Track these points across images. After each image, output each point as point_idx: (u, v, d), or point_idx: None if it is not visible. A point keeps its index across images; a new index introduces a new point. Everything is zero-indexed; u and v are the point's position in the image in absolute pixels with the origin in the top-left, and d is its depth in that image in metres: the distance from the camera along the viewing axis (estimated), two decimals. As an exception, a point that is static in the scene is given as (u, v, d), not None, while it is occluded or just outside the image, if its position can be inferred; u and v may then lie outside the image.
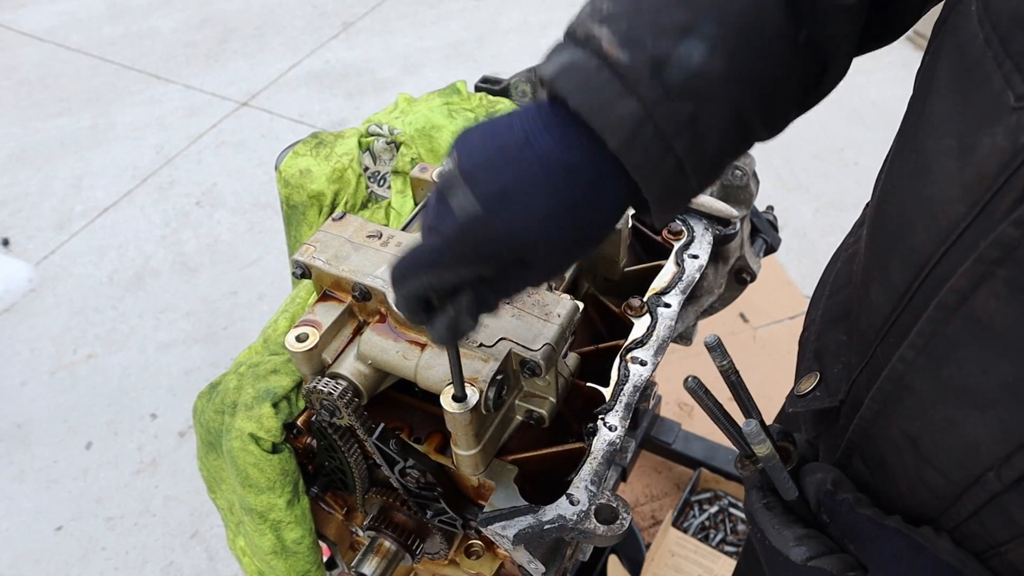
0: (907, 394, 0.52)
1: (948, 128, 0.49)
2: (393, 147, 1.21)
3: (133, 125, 3.31)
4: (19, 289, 2.65)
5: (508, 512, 0.80)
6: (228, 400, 0.95)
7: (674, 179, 0.55)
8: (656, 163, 0.54)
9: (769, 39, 0.54)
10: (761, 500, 0.58)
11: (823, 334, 0.73)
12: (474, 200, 0.55)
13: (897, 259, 0.54)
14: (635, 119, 0.53)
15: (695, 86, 0.53)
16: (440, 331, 0.61)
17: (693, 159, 0.55)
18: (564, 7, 3.85)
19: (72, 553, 2.02)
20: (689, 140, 0.54)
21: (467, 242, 0.56)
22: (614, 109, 0.53)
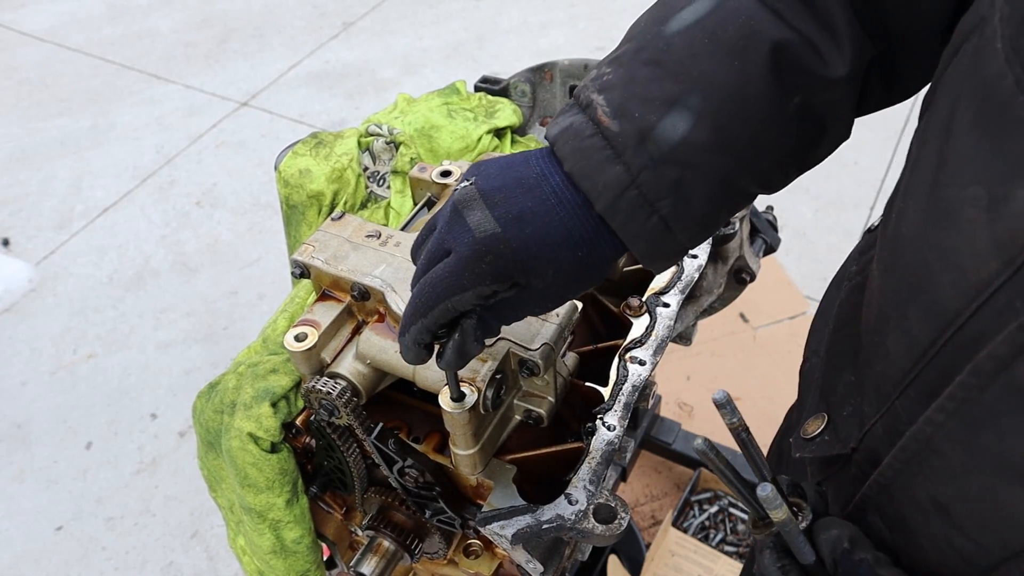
0: (936, 458, 0.49)
1: (974, 175, 0.46)
2: (392, 147, 1.21)
3: (133, 125, 3.31)
4: (19, 289, 2.65)
5: (506, 512, 0.80)
6: (227, 400, 0.95)
7: (661, 238, 0.60)
8: (640, 224, 0.59)
9: (757, 109, 0.57)
10: (776, 563, 0.56)
11: (829, 373, 0.71)
12: (492, 219, 0.59)
13: (918, 311, 0.51)
14: (619, 184, 0.58)
15: (679, 154, 0.57)
16: (450, 357, 0.64)
17: (679, 219, 0.59)
18: (564, 7, 3.86)
19: (72, 553, 2.02)
20: (674, 202, 0.58)
21: (485, 260, 0.59)
22: (601, 175, 0.58)
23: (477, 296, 0.60)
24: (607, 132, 0.58)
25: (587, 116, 0.59)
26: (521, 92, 1.30)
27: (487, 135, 1.21)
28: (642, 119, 0.57)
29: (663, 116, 0.57)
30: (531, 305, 0.64)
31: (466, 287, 0.59)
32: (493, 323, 0.64)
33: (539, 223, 0.59)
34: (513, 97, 1.31)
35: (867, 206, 2.81)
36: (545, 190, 0.60)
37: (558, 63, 1.27)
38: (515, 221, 0.59)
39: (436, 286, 0.61)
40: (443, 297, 0.61)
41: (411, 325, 0.64)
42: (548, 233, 0.59)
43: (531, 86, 1.30)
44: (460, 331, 0.63)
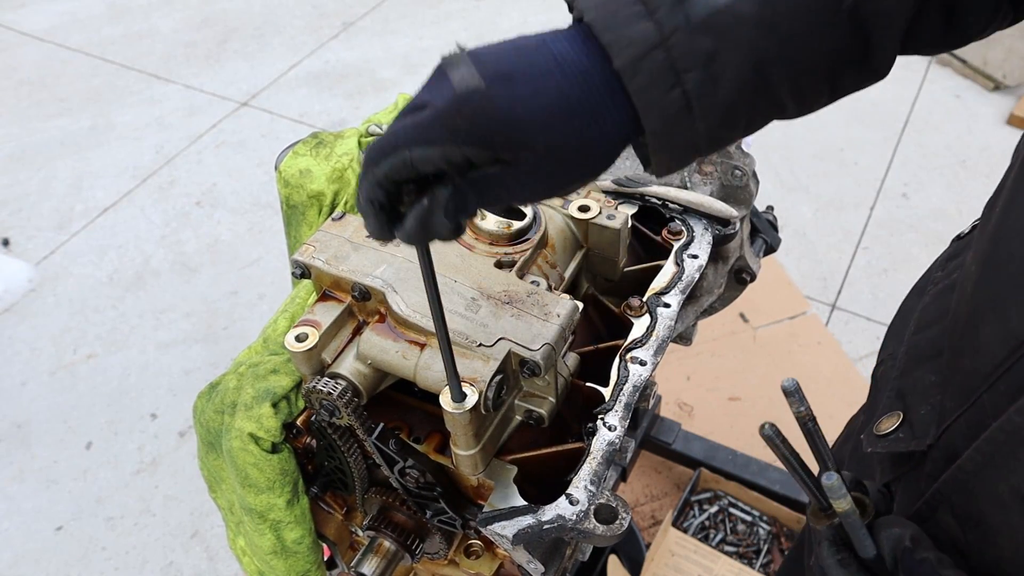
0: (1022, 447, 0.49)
1: None
2: (393, 147, 1.21)
3: (133, 125, 3.31)
4: (19, 289, 2.65)
5: (507, 512, 0.80)
6: (228, 400, 0.95)
7: (678, 116, 0.53)
8: (661, 92, 0.52)
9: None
10: (835, 556, 0.54)
11: (908, 372, 0.69)
12: (477, 75, 0.51)
13: (1018, 302, 0.51)
14: (647, 42, 0.51)
15: (719, 22, 0.51)
16: (411, 226, 0.55)
17: (703, 99, 0.52)
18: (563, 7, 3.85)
19: (72, 553, 2.02)
20: (702, 77, 0.52)
21: (462, 115, 0.51)
22: (627, 29, 0.51)
23: (445, 158, 0.52)
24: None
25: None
26: (521, 92, 1.30)
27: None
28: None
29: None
30: (518, 185, 0.55)
31: (433, 141, 0.51)
32: (471, 199, 0.54)
33: (532, 84, 0.52)
34: (513, 97, 1.31)
35: (867, 206, 2.81)
36: (544, 53, 0.54)
37: (558, 63, 1.27)
38: (503, 79, 0.52)
39: (397, 133, 0.53)
40: (403, 145, 0.52)
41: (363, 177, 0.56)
42: (541, 95, 0.52)
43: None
44: (430, 196, 0.54)
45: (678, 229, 1.08)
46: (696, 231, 1.08)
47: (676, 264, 1.04)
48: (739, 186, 1.14)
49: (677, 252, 1.05)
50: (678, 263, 1.04)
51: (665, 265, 1.04)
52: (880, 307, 2.52)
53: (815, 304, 2.52)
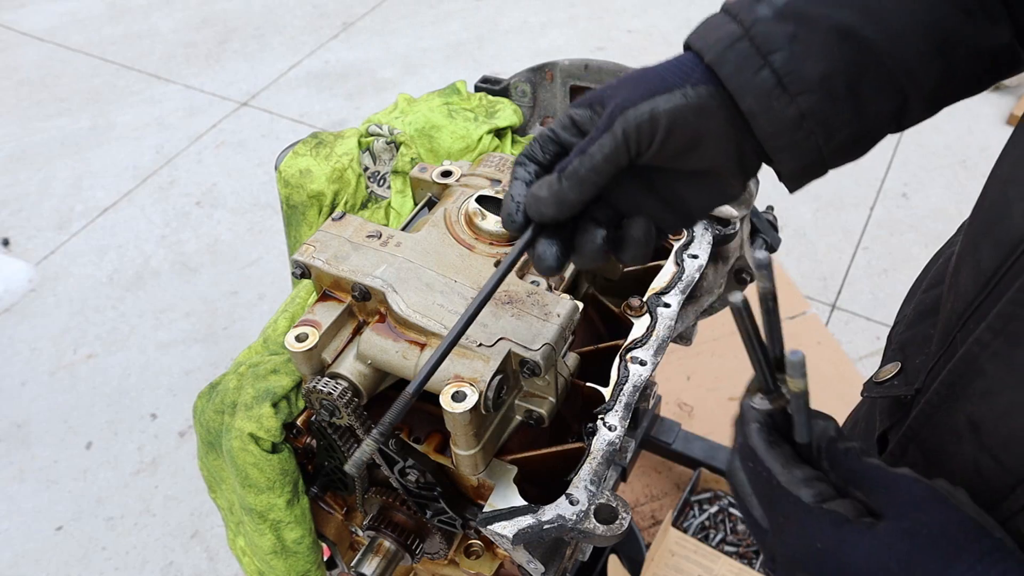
0: (978, 378, 0.50)
1: None
2: (393, 147, 1.21)
3: (133, 125, 3.31)
4: (19, 289, 2.65)
5: (507, 512, 0.80)
6: (228, 400, 0.95)
7: (771, 91, 0.57)
8: (750, 75, 0.57)
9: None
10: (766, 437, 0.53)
11: (912, 326, 0.73)
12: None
13: (990, 242, 0.53)
14: (731, 37, 0.58)
15: (794, 7, 0.57)
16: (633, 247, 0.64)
17: (794, 76, 0.57)
18: (564, 7, 3.85)
19: (72, 553, 2.02)
20: (788, 55, 0.56)
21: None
22: (715, 33, 0.59)
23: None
24: (727, 6, 0.60)
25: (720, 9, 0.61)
26: (521, 92, 1.30)
27: (487, 135, 1.21)
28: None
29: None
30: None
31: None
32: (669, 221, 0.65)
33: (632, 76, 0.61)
34: (513, 97, 1.31)
35: (867, 206, 2.81)
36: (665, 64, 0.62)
37: (558, 63, 1.27)
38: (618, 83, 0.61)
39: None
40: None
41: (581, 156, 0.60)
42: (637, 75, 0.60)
43: (531, 86, 1.30)
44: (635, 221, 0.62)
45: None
46: (696, 231, 1.08)
47: (676, 264, 1.04)
48: (739, 186, 1.14)
49: (677, 252, 1.05)
50: (678, 263, 1.04)
51: (665, 265, 1.04)
52: (880, 307, 2.51)
53: (815, 304, 2.52)
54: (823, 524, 0.47)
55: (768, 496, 0.51)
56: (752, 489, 0.52)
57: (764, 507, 0.52)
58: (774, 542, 0.51)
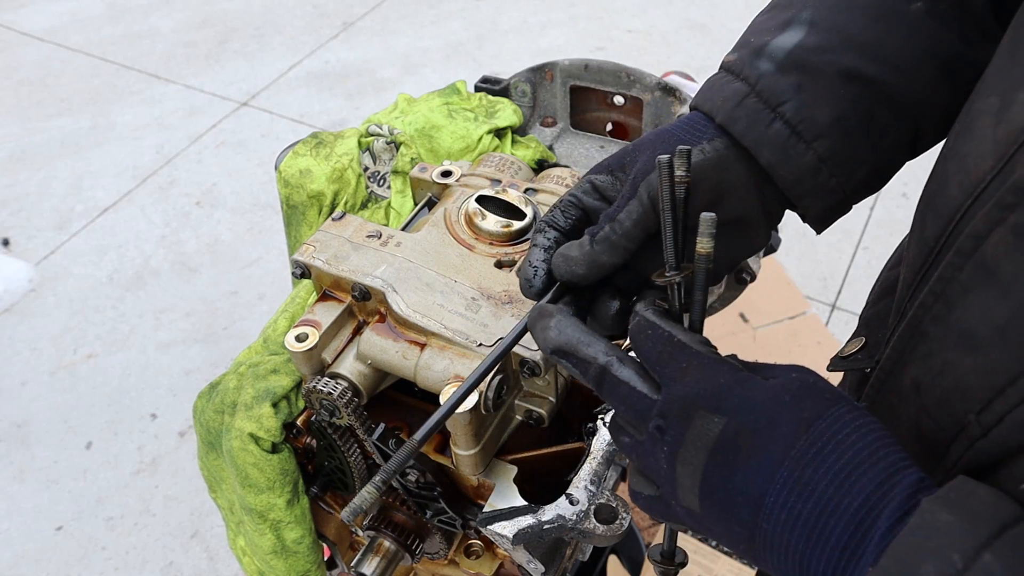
0: (921, 341, 0.52)
1: (995, 86, 0.50)
2: (393, 147, 1.21)
3: (133, 125, 3.31)
4: (19, 289, 2.65)
5: (507, 512, 0.80)
6: (228, 400, 0.95)
7: (786, 141, 0.59)
8: (762, 129, 0.59)
9: (871, 7, 0.59)
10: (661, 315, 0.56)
11: (876, 303, 0.75)
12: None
13: (931, 214, 0.55)
14: (738, 95, 0.60)
15: (795, 58, 0.59)
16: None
17: (806, 123, 0.58)
18: (563, 7, 3.86)
19: (72, 553, 2.02)
20: (797, 105, 0.58)
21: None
22: (721, 94, 0.61)
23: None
24: (728, 65, 0.62)
25: (721, 68, 0.64)
26: (521, 92, 1.30)
27: (487, 135, 1.21)
28: (756, 42, 0.61)
29: (776, 35, 0.60)
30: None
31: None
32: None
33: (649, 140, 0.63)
34: (513, 97, 1.31)
35: (867, 206, 2.81)
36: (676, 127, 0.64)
37: (558, 63, 1.27)
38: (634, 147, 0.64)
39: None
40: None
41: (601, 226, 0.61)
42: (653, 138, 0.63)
43: (531, 86, 1.30)
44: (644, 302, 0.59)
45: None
46: (696, 231, 1.08)
47: (676, 264, 1.04)
48: (739, 186, 1.14)
49: (677, 252, 1.05)
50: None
51: (665, 265, 1.04)
52: (880, 307, 2.51)
53: (815, 304, 2.52)
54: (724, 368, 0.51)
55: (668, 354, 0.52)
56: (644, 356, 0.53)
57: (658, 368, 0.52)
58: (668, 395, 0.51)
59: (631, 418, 0.54)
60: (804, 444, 0.46)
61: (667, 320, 0.54)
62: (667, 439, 0.51)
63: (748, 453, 0.47)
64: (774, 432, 0.47)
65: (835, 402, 0.47)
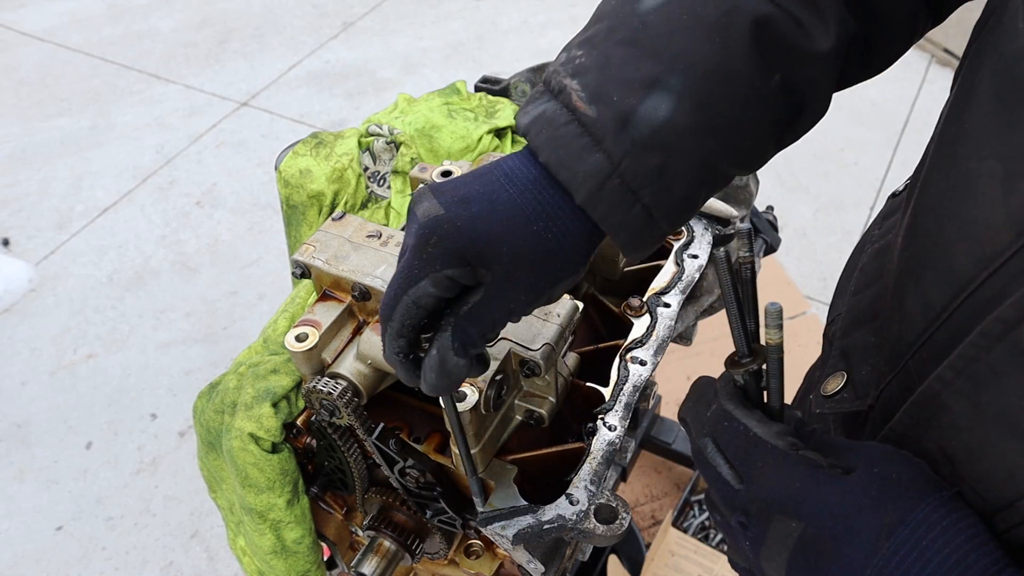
0: (943, 413, 0.51)
1: (992, 149, 0.48)
2: (393, 147, 1.21)
3: (133, 125, 3.31)
4: (19, 289, 2.65)
5: (507, 512, 0.80)
6: (228, 400, 0.95)
7: (643, 225, 0.57)
8: (623, 214, 0.56)
9: (738, 87, 0.55)
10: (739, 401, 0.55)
11: (849, 332, 0.73)
12: (437, 204, 0.56)
13: (934, 277, 0.54)
14: (601, 174, 0.55)
15: (661, 139, 0.54)
16: (432, 378, 0.59)
17: (662, 206, 0.57)
18: (564, 7, 3.85)
19: (72, 553, 2.02)
20: (657, 190, 0.56)
21: (431, 243, 0.56)
22: (580, 164, 0.55)
23: (435, 284, 0.56)
24: (584, 118, 0.55)
25: (560, 102, 0.56)
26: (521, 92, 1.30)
27: (487, 135, 1.21)
28: (621, 103, 0.54)
29: (643, 99, 0.54)
30: (501, 299, 0.58)
31: (419, 275, 0.56)
32: (470, 330, 0.58)
33: (485, 201, 0.57)
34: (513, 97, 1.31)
35: (867, 206, 2.81)
36: (495, 174, 0.58)
37: (558, 63, 1.27)
38: (460, 202, 0.57)
39: (393, 284, 0.58)
40: (401, 291, 0.57)
41: (384, 335, 0.60)
42: (495, 209, 0.56)
43: (531, 86, 1.30)
44: (436, 344, 0.58)
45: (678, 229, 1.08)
46: (696, 231, 1.08)
47: (676, 264, 1.04)
48: (739, 186, 1.14)
49: (677, 252, 1.05)
50: (678, 263, 1.04)
51: (665, 265, 1.04)
52: (880, 307, 2.51)
53: (815, 304, 2.52)
54: (800, 467, 0.50)
55: (744, 450, 0.53)
56: (725, 449, 0.54)
57: (738, 462, 0.53)
58: (747, 493, 0.52)
59: (719, 502, 0.55)
60: (887, 553, 0.45)
61: (744, 410, 0.54)
62: (750, 535, 0.52)
63: (829, 559, 0.47)
64: (853, 540, 0.47)
65: (920, 500, 0.46)
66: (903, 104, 3.22)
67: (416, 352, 0.61)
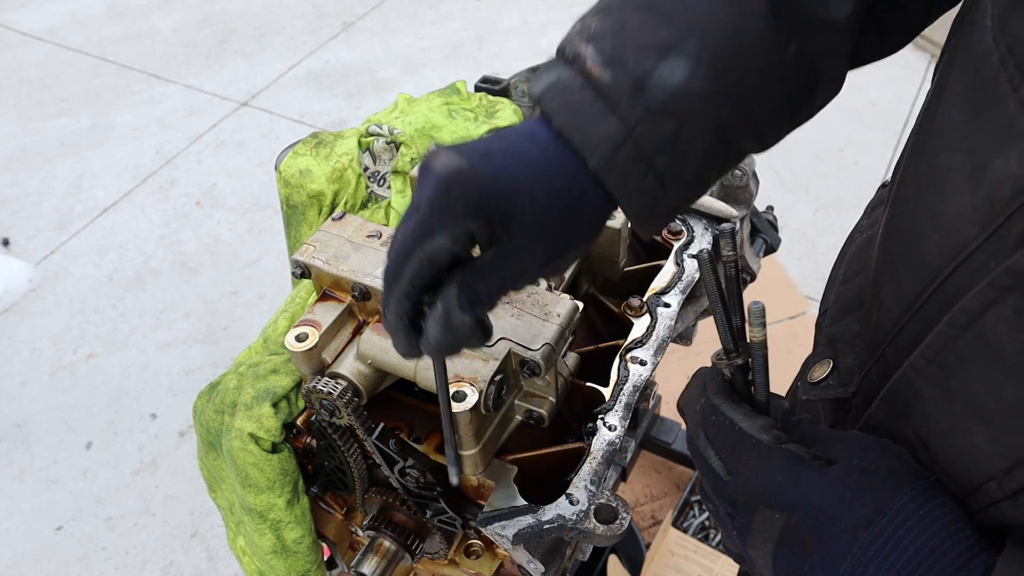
0: (917, 400, 0.53)
1: (960, 143, 0.49)
2: (393, 147, 1.21)
3: (133, 125, 3.31)
4: (19, 289, 2.65)
5: (507, 512, 0.80)
6: (228, 400, 0.95)
7: (655, 196, 0.57)
8: (636, 182, 0.56)
9: (754, 55, 0.54)
10: (727, 395, 0.56)
11: (837, 320, 0.74)
12: (458, 157, 0.54)
13: (908, 268, 0.55)
14: (615, 139, 0.54)
15: (677, 104, 0.54)
16: (436, 334, 0.56)
17: (674, 176, 0.56)
18: (564, 7, 3.85)
19: (72, 553, 2.02)
20: (670, 158, 0.55)
21: (452, 194, 0.53)
22: (595, 129, 0.54)
23: (452, 239, 0.54)
24: (598, 83, 0.54)
25: (575, 69, 0.55)
26: (521, 92, 1.30)
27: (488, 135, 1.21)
28: (636, 67, 0.53)
29: (659, 63, 0.53)
30: (516, 259, 0.56)
31: (436, 228, 0.53)
32: (479, 287, 0.56)
33: (510, 156, 0.55)
34: (513, 97, 1.31)
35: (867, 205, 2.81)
36: (514, 133, 0.57)
37: (558, 63, 1.27)
38: (483, 156, 0.55)
39: (404, 240, 0.55)
40: (414, 246, 0.54)
41: (388, 295, 0.57)
42: (519, 163, 0.55)
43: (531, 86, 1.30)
44: (442, 299, 0.55)
45: (678, 229, 1.08)
46: (696, 231, 1.08)
47: (676, 264, 1.04)
48: (739, 186, 1.14)
49: (677, 252, 1.05)
50: (678, 263, 1.04)
51: (665, 265, 1.04)
52: (880, 307, 2.51)
53: (815, 304, 2.52)
54: (783, 460, 0.51)
55: (730, 443, 0.54)
56: (713, 441, 0.56)
57: (725, 455, 0.55)
58: (734, 486, 0.54)
59: (710, 491, 0.57)
60: (865, 542, 0.47)
61: (731, 404, 0.56)
62: (736, 525, 0.54)
63: (811, 549, 0.49)
64: (833, 529, 0.48)
65: (898, 490, 0.48)
66: (903, 104, 3.22)
67: (420, 320, 0.58)
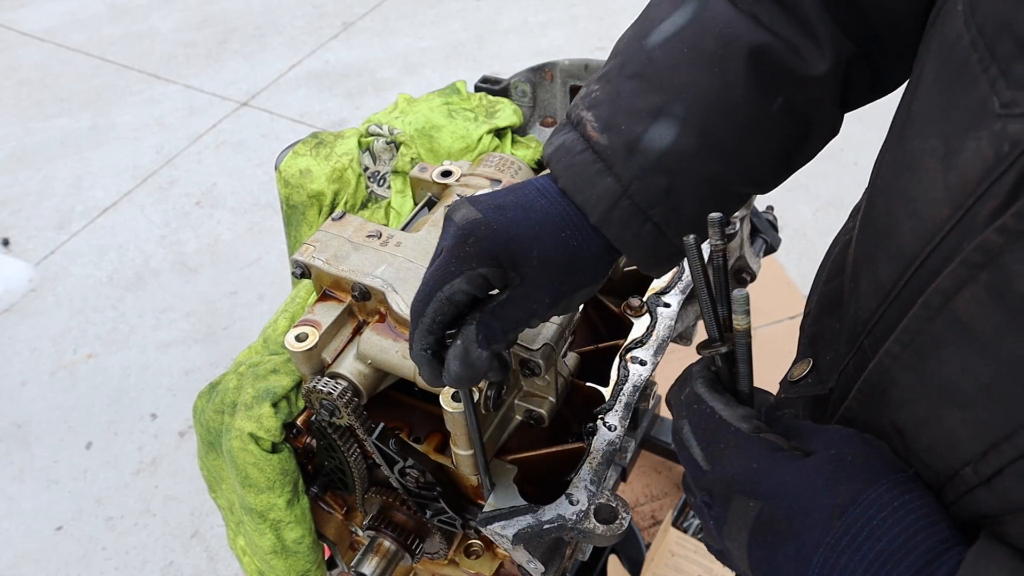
0: (892, 387, 0.53)
1: (933, 128, 0.50)
2: (393, 147, 1.21)
3: (133, 125, 3.31)
4: (19, 289, 2.65)
5: (507, 512, 0.80)
6: (228, 400, 0.95)
7: (655, 243, 0.64)
8: (635, 232, 0.62)
9: (738, 112, 0.60)
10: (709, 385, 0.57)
11: (817, 320, 0.75)
12: (475, 210, 0.62)
13: (884, 256, 0.56)
14: (612, 196, 0.61)
15: (667, 162, 0.60)
16: (455, 368, 0.62)
17: (672, 224, 0.63)
18: (563, 7, 3.85)
19: (72, 553, 2.02)
20: (665, 209, 0.62)
21: (468, 243, 0.60)
22: (593, 188, 0.62)
23: (469, 281, 0.60)
24: (596, 146, 0.62)
25: (578, 133, 0.63)
26: (521, 92, 1.30)
27: (487, 135, 1.21)
28: (629, 131, 0.60)
29: (649, 126, 0.60)
30: (526, 299, 0.63)
31: (455, 272, 0.60)
32: (494, 325, 0.62)
33: (519, 209, 0.62)
34: (513, 97, 1.31)
35: (867, 206, 2.81)
36: (527, 188, 0.64)
37: (558, 63, 1.27)
38: (495, 209, 0.62)
39: (428, 282, 0.62)
40: (435, 288, 0.61)
41: (414, 330, 0.64)
42: (528, 216, 0.62)
43: (531, 86, 1.30)
44: (461, 336, 0.62)
45: None
46: (696, 231, 1.08)
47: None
48: (739, 186, 1.14)
49: (677, 252, 1.05)
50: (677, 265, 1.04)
51: (665, 265, 1.04)
52: (880, 307, 2.51)
53: (815, 304, 2.52)
54: (760, 449, 0.52)
55: (710, 432, 0.55)
56: (694, 430, 0.56)
57: (704, 443, 0.55)
58: (712, 474, 0.54)
59: (691, 481, 0.58)
60: (838, 531, 0.47)
61: (714, 393, 0.57)
62: (713, 514, 0.54)
63: (785, 537, 0.49)
64: (807, 519, 0.48)
65: (873, 481, 0.48)
66: (903, 104, 3.22)
67: (442, 352, 0.64)
